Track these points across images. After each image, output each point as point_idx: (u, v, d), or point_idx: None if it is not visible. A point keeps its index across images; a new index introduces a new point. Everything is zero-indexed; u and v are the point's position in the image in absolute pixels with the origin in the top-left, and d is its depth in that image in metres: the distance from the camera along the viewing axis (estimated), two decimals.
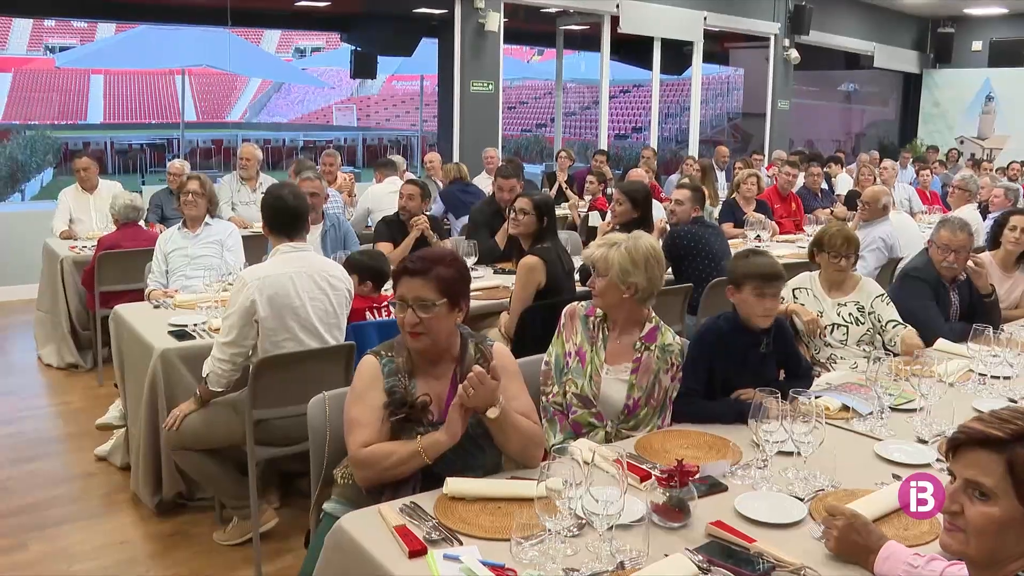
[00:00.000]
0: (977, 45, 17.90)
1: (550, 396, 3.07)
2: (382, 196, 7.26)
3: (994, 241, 5.02)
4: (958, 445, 1.63)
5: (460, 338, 2.69)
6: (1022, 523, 1.55)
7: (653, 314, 3.15)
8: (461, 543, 2.14)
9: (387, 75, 32.40)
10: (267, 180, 7.54)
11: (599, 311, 3.11)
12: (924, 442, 2.86)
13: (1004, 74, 17.46)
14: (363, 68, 14.69)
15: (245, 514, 3.81)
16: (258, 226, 4.53)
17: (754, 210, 7.36)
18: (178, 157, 10.52)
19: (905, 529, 2.27)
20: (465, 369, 2.56)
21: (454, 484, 2.37)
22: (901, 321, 4.06)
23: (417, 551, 2.08)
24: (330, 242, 5.55)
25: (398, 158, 9.16)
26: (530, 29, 16.04)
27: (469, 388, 2.40)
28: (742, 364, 3.12)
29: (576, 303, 3.18)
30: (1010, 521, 1.55)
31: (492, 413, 2.46)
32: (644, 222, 5.12)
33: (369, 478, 2.51)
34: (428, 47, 13.98)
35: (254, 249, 5.58)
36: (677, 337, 3.15)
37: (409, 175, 8.55)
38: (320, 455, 2.80)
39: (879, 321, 4.06)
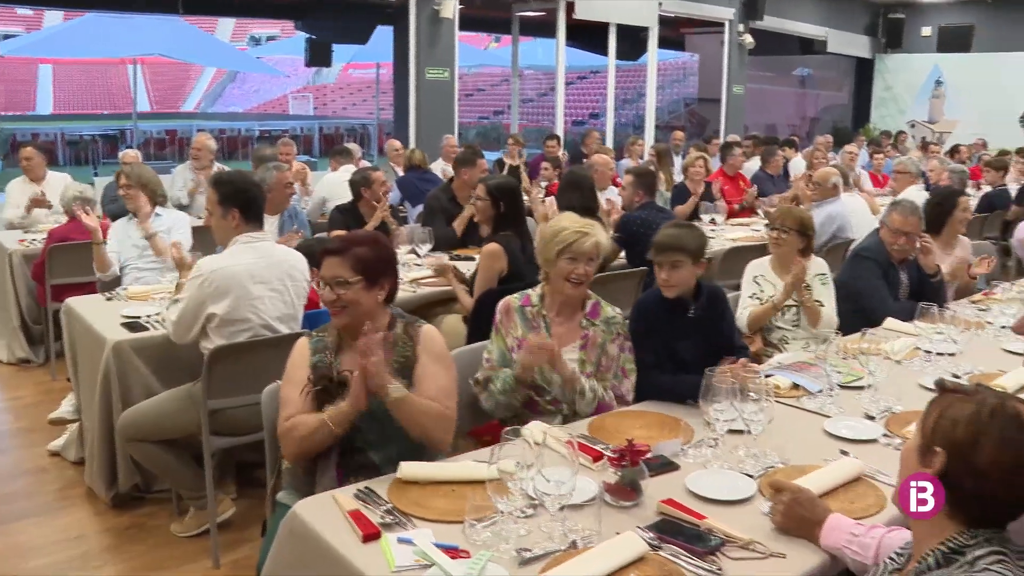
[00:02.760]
0: (927, 31, 18.20)
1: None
2: (337, 185, 7.22)
3: (930, 223, 5.09)
4: None
5: (390, 318, 2.76)
6: (916, 452, 1.68)
7: (590, 292, 3.22)
8: (415, 526, 2.15)
9: (343, 63, 32.20)
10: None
11: (534, 300, 3.14)
12: (872, 418, 2.92)
13: (952, 59, 17.77)
14: (318, 56, 14.59)
15: (202, 504, 3.79)
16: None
17: (703, 191, 7.43)
18: (131, 148, 10.35)
19: (851, 502, 2.32)
20: (393, 348, 2.66)
21: (408, 468, 2.38)
22: (823, 303, 4.14)
23: (371, 535, 2.09)
24: (287, 232, 5.51)
25: (353, 146, 9.12)
26: (486, 15, 15.99)
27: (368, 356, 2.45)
28: (676, 332, 3.20)
29: (509, 296, 3.19)
30: (912, 447, 1.71)
31: (396, 393, 2.50)
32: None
33: (292, 452, 2.61)
34: (384, 34, 13.91)
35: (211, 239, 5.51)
36: (617, 309, 3.23)
37: (364, 163, 8.51)
38: (275, 443, 2.79)
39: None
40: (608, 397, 3.06)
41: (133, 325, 4.04)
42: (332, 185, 7.35)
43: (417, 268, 5.08)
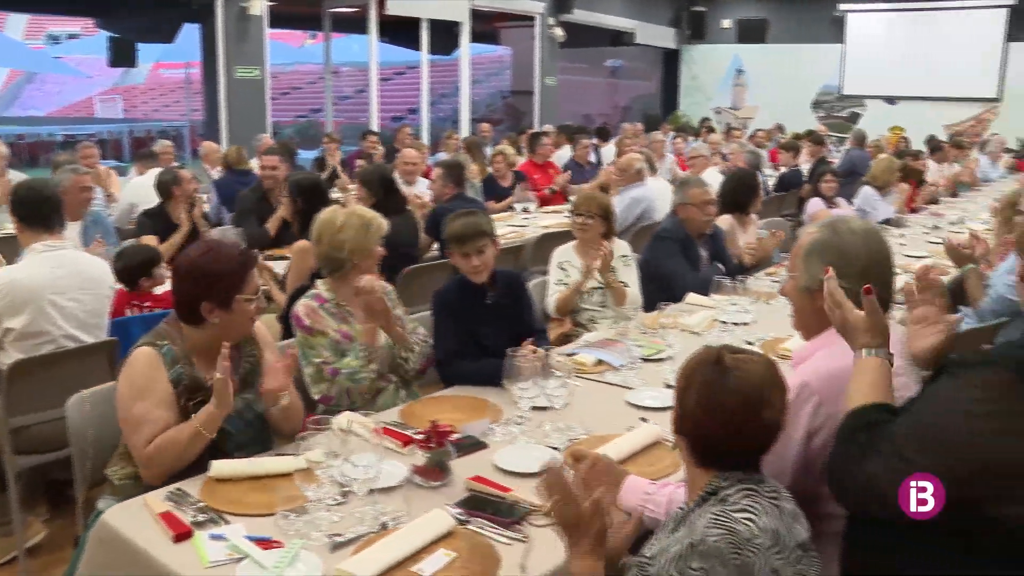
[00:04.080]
0: (727, 23, 19.19)
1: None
2: (145, 189, 6.96)
3: (732, 204, 5.42)
4: None
5: None
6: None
7: None
8: (228, 522, 2.17)
9: (151, 63, 30.85)
10: (18, 178, 7.06)
11: (328, 296, 3.19)
12: (671, 387, 3.11)
13: (751, 50, 18.85)
14: (122, 56, 13.95)
15: (8, 531, 3.61)
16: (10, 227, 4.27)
17: (512, 180, 7.64)
18: None
19: (650, 465, 2.49)
20: (240, 351, 2.65)
21: (219, 466, 2.39)
22: (627, 283, 4.37)
23: (182, 534, 2.10)
24: (90, 239, 5.30)
25: (164, 143, 8.76)
26: (297, 12, 15.73)
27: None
28: (477, 318, 3.32)
29: (302, 302, 3.20)
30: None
31: (284, 400, 2.55)
32: (386, 203, 4.99)
33: (166, 471, 2.46)
34: (192, 33, 13.46)
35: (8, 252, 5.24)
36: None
37: (174, 164, 8.23)
38: (83, 456, 2.73)
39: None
40: (428, 348, 3.26)
41: None
42: (139, 190, 7.06)
43: None
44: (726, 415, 1.75)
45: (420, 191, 6.65)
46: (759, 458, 1.82)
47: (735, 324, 3.81)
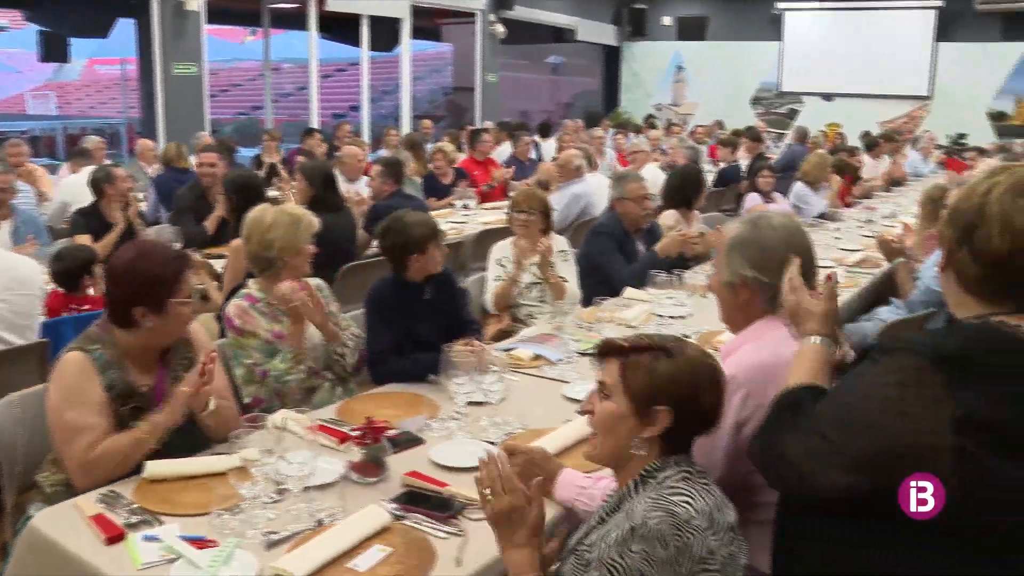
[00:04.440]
0: (667, 20, 19.35)
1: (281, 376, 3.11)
2: (78, 187, 6.83)
3: (678, 199, 5.48)
4: (600, 357, 1.92)
5: None
6: (630, 417, 1.82)
7: None
8: (162, 523, 2.15)
9: (86, 58, 30.20)
10: None
11: (259, 295, 3.18)
12: None
13: (691, 47, 19.05)
14: (54, 51, 13.66)
15: None
16: None
17: (453, 177, 7.66)
18: None
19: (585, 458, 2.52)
20: (174, 354, 2.63)
21: (153, 466, 2.37)
22: (566, 278, 4.39)
23: (115, 537, 2.07)
24: (21, 239, 5.20)
25: (90, 141, 8.57)
26: (236, 8, 15.56)
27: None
28: (414, 315, 3.33)
29: (233, 303, 3.19)
30: (620, 414, 1.83)
31: (211, 406, 2.52)
32: (324, 200, 5.02)
33: (105, 477, 2.39)
34: (128, 28, 13.20)
35: None
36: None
37: (107, 161, 8.07)
38: (12, 462, 2.67)
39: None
40: (363, 344, 3.26)
41: None
42: (72, 188, 6.92)
43: None
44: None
45: (360, 188, 6.62)
46: (692, 443, 1.87)
47: (672, 318, 3.87)
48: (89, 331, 2.59)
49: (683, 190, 5.46)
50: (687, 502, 1.70)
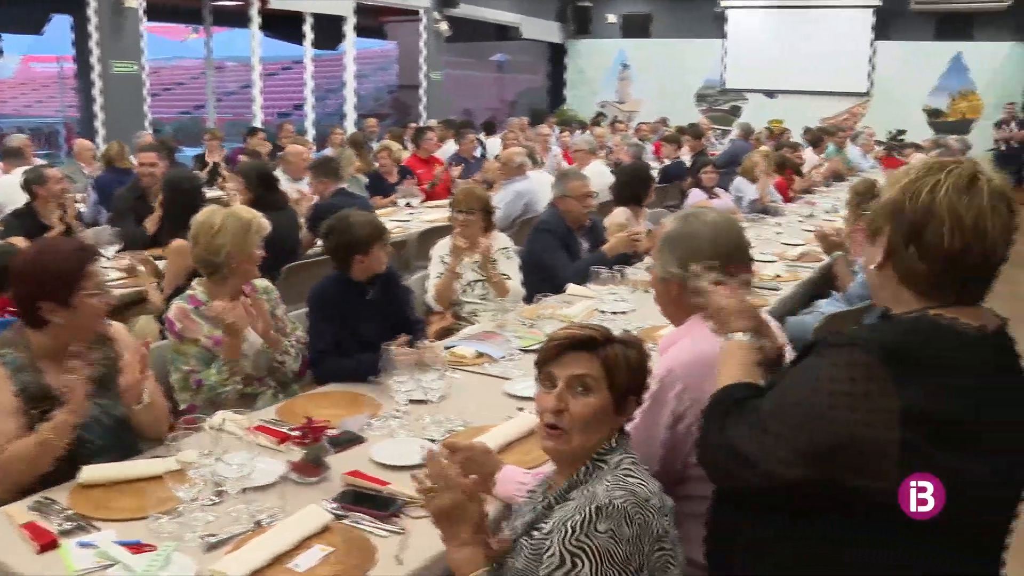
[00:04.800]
0: (611, 18, 19.46)
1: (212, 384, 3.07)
2: (12, 188, 6.68)
3: (628, 196, 5.52)
4: (562, 350, 1.88)
5: None
6: (611, 410, 1.85)
7: None
8: (98, 529, 2.12)
9: (21, 55, 29.51)
10: None
11: (203, 298, 3.14)
12: None
13: (635, 44, 19.20)
14: None
15: None
16: None
17: (399, 176, 7.65)
18: None
19: (526, 454, 2.53)
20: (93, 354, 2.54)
21: (89, 471, 2.33)
22: (509, 276, 4.42)
23: (47, 544, 2.04)
24: None
25: (17, 139, 8.37)
26: (177, 5, 15.32)
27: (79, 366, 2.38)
28: (357, 314, 3.33)
29: (175, 305, 3.15)
30: (604, 408, 1.84)
31: (145, 399, 2.49)
32: (265, 200, 4.99)
33: (16, 482, 2.34)
34: (64, 24, 12.94)
35: None
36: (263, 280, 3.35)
37: (37, 161, 7.89)
38: None
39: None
40: (305, 350, 3.24)
41: None
42: (6, 189, 6.78)
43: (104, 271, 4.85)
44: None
45: (303, 187, 6.58)
46: None
47: (614, 313, 3.90)
48: (3, 335, 2.54)
49: (632, 187, 5.51)
50: (641, 482, 1.75)
